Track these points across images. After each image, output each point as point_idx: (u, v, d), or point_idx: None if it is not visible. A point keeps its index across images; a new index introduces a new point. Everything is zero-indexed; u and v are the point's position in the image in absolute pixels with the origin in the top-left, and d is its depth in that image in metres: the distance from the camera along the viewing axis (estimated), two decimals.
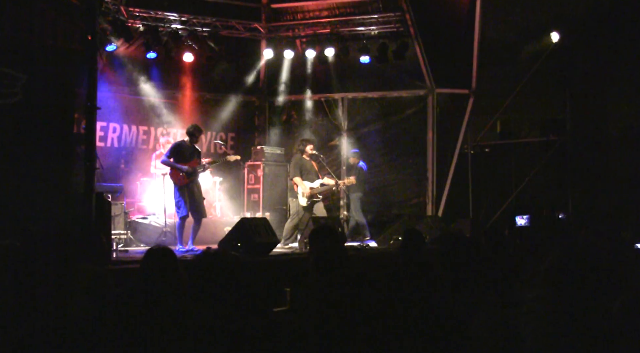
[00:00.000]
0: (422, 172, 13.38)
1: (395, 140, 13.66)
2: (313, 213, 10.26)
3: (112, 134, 12.23)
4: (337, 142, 14.13)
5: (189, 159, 9.37)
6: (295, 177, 10.40)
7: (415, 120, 13.54)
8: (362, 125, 14.06)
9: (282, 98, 14.31)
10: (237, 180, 12.60)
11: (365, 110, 14.01)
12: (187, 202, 9.20)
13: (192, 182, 9.31)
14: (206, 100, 13.78)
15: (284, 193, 12.15)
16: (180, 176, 9.25)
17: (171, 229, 10.03)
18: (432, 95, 13.26)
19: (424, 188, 13.34)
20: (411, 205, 13.53)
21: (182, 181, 9.23)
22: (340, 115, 14.06)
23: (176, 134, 12.75)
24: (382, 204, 13.55)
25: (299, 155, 10.59)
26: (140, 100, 12.45)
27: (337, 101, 14.10)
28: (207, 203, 10.41)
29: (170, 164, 9.35)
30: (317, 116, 14.29)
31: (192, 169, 9.29)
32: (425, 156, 13.32)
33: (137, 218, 10.74)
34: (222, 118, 13.76)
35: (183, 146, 9.44)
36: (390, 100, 13.82)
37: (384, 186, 13.65)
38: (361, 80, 13.73)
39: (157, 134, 12.82)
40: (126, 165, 11.96)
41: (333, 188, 10.98)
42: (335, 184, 10.69)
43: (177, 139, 11.36)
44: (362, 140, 13.76)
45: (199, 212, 9.29)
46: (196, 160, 9.43)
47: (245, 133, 14.41)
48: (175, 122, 12.89)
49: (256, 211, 11.93)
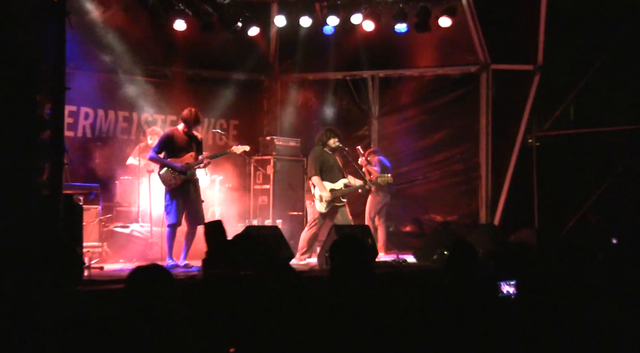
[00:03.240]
0: (473, 169, 13.32)
1: (439, 129, 13.64)
2: (336, 220, 10.21)
3: (83, 121, 12.20)
4: (366, 132, 14.04)
5: (184, 152, 9.36)
6: (313, 176, 10.34)
7: (465, 104, 13.49)
8: (397, 110, 14.00)
9: (297, 77, 14.29)
10: (242, 179, 12.55)
11: (402, 92, 13.95)
12: (180, 206, 9.21)
13: (187, 182, 9.30)
14: (202, 79, 13.77)
15: (300, 195, 12.10)
16: (172, 176, 9.22)
17: (159, 240, 9.99)
18: (487, 72, 13.19)
19: (475, 190, 13.28)
20: (459, 210, 13.49)
21: (175, 182, 9.22)
22: (371, 98, 14.03)
23: (165, 121, 12.73)
24: (422, 209, 13.46)
25: (320, 148, 10.53)
26: (119, 79, 12.38)
27: (367, 80, 14.05)
28: (205, 208, 10.35)
29: (159, 161, 9.34)
30: (341, 99, 14.25)
31: (187, 166, 9.26)
32: (477, 149, 13.27)
33: (116, 226, 10.71)
34: (223, 102, 13.72)
35: (176, 137, 9.40)
36: (432, 80, 13.78)
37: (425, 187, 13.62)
38: (396, 54, 13.68)
39: (142, 120, 12.79)
40: (102, 160, 11.94)
41: (360, 190, 10.88)
42: (363, 184, 10.60)
43: (167, 128, 11.35)
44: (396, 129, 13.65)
45: (195, 218, 9.31)
46: (192, 155, 9.40)
47: (252, 120, 14.40)
48: (165, 107, 12.87)
49: (265, 218, 11.89)
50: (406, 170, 13.67)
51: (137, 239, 10.53)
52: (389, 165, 12.10)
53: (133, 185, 11.19)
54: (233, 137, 13.83)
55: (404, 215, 13.65)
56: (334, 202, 10.29)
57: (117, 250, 10.35)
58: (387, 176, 10.87)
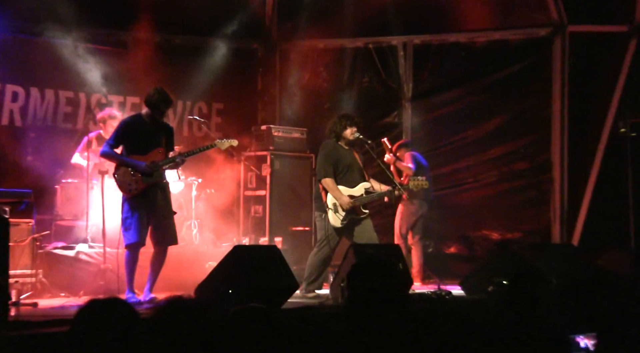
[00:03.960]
0: (542, 169, 13.36)
1: (495, 115, 13.71)
2: (355, 238, 10.20)
3: (10, 104, 12.25)
4: (395, 119, 14.00)
5: (149, 147, 9.35)
6: (325, 179, 10.31)
7: (531, 80, 13.52)
8: (438, 89, 14.02)
9: (302, 45, 14.32)
10: (228, 183, 12.60)
11: (444, 65, 14.01)
12: (144, 220, 9.19)
13: (153, 187, 9.28)
14: (174, 47, 13.88)
15: (306, 204, 12.16)
16: (132, 179, 9.19)
17: (115, 266, 9.97)
18: (562, 36, 13.23)
19: (545, 197, 13.31)
20: (524, 225, 13.51)
21: (137, 187, 9.20)
22: (402, 74, 14.06)
23: (124, 104, 12.74)
24: (472, 224, 13.48)
25: (333, 142, 10.53)
26: (60, 48, 12.41)
27: (396, 49, 14.08)
28: (178, 222, 10.38)
29: (116, 158, 9.34)
30: (361, 74, 14.29)
31: (154, 166, 9.24)
32: (548, 142, 13.30)
33: (56, 248, 10.69)
34: (202, 79, 13.79)
35: (138, 126, 9.39)
36: (486, 47, 13.84)
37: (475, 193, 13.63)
38: (436, 14, 13.78)
39: (91, 104, 12.82)
40: (37, 158, 11.98)
41: (387, 198, 10.84)
42: (392, 190, 10.54)
43: (126, 114, 11.34)
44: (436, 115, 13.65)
45: (164, 236, 9.31)
46: (161, 150, 9.39)
47: (242, 104, 14.49)
48: (123, 85, 12.93)
49: (260, 235, 11.96)
50: (450, 170, 13.78)
51: (85, 265, 10.48)
52: (425, 163, 12.10)
53: (80, 192, 11.18)
54: (216, 126, 13.97)
55: (447, 231, 13.71)
56: (352, 213, 10.26)
57: (57, 280, 10.29)
58: (422, 179, 10.77)
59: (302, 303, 9.61)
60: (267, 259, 8.96)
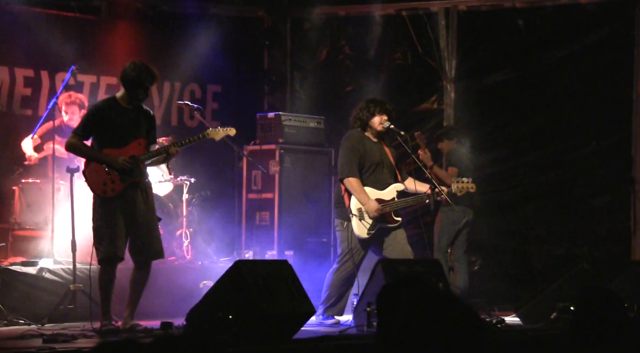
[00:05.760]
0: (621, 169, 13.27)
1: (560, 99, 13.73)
2: (385, 252, 10.24)
3: None
4: (434, 104, 14.04)
5: (127, 138, 9.38)
6: (348, 178, 10.34)
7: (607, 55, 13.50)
8: (488, 67, 14.05)
9: (319, 13, 14.37)
10: (227, 183, 12.76)
11: (497, 37, 14.04)
12: (121, 229, 9.20)
13: (133, 187, 9.31)
14: (160, 15, 13.92)
15: (324, 210, 12.22)
16: (106, 177, 9.22)
17: (87, 286, 10.01)
18: None
19: (624, 204, 13.29)
20: (596, 238, 13.51)
21: (112, 188, 9.22)
22: (443, 47, 14.06)
23: (97, 85, 12.81)
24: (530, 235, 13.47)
25: (358, 133, 10.57)
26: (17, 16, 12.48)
27: (436, 17, 14.10)
28: (166, 231, 10.53)
29: (85, 151, 9.37)
30: (393, 50, 14.32)
31: (133, 162, 9.27)
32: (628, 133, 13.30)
33: (14, 264, 10.75)
34: (194, 55, 13.82)
35: (114, 112, 9.39)
36: (550, 14, 13.80)
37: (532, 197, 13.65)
38: None
39: (55, 85, 12.81)
40: None
41: (427, 201, 10.85)
42: (431, 193, 10.55)
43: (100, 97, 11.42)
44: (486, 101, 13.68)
45: (147, 249, 9.35)
46: (142, 142, 9.43)
47: (244, 86, 14.51)
48: (96, 62, 12.99)
49: (267, 248, 12.04)
50: (502, 169, 13.75)
51: (50, 285, 10.56)
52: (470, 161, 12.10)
53: (43, 194, 11.24)
54: (213, 113, 14.04)
55: (497, 244, 13.65)
56: (381, 221, 10.28)
57: (15, 303, 10.34)
58: (468, 181, 10.78)
59: (319, 331, 9.67)
60: (275, 277, 8.96)
